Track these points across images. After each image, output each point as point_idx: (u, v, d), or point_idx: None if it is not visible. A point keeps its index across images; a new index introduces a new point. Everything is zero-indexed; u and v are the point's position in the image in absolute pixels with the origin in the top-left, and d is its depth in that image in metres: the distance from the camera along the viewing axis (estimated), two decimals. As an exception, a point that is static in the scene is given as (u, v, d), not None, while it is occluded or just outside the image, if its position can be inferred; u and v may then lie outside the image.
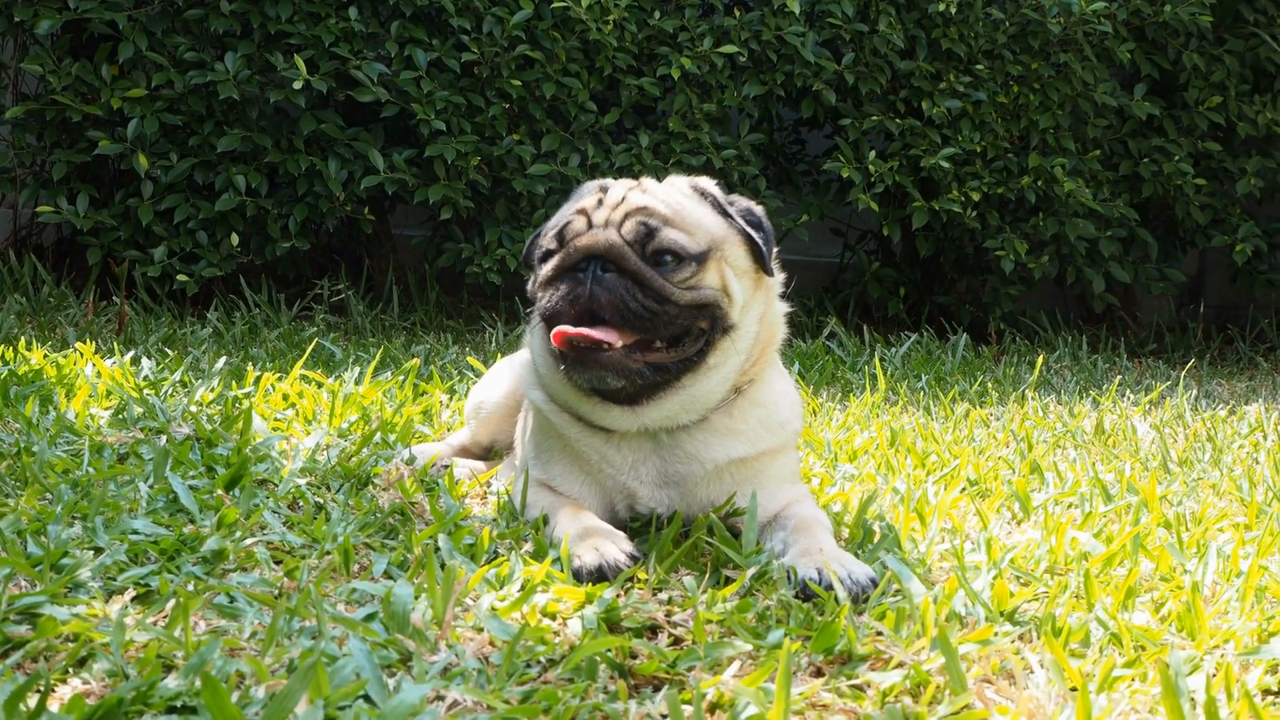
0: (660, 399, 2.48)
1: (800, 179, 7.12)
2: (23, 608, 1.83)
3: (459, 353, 5.22)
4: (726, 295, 2.47)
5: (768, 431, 2.59)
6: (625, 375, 2.40)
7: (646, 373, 2.41)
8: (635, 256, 2.40)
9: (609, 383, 2.41)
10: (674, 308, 2.40)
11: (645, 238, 2.41)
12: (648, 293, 2.38)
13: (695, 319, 2.44)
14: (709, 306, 2.45)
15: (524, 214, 6.22)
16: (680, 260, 2.42)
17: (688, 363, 2.46)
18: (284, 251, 5.95)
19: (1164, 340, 7.82)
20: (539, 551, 2.36)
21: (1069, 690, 1.79)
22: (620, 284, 2.38)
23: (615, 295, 2.37)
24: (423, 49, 5.97)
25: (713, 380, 2.50)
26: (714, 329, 2.47)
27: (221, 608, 1.93)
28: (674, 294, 2.40)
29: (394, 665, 1.79)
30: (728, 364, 2.50)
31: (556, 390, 2.58)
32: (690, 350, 2.45)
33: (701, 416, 2.53)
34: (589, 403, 2.52)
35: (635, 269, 2.39)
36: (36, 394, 3.28)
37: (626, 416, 2.50)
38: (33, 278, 5.77)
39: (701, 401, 2.51)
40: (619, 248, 2.40)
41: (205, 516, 2.41)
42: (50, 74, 5.61)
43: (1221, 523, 2.93)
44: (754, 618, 2.04)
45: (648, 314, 2.38)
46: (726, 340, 2.49)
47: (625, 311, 2.37)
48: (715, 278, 2.46)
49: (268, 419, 3.40)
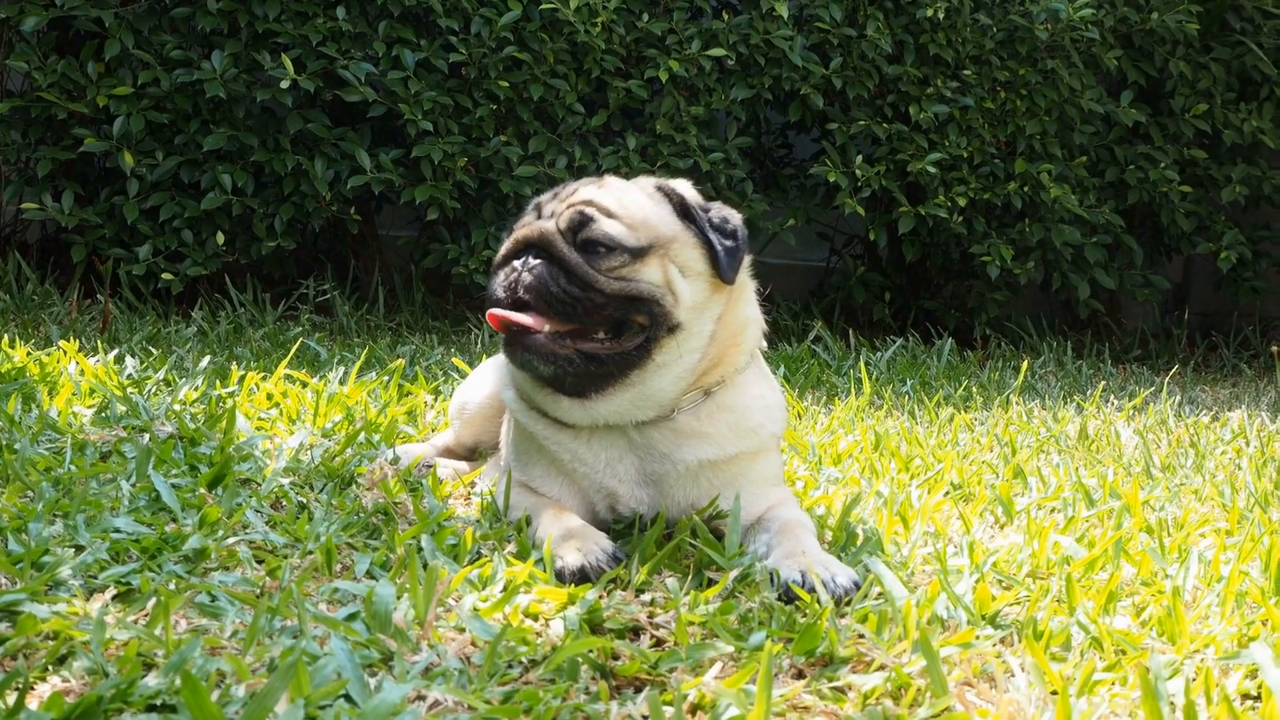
0: (608, 393, 2.48)
1: (787, 183, 7.13)
2: (2, 605, 1.82)
3: (444, 353, 5.21)
4: (670, 293, 2.45)
5: (737, 436, 2.57)
6: (552, 360, 2.41)
7: (575, 359, 2.41)
8: (564, 244, 2.43)
9: (537, 367, 2.43)
10: (599, 296, 2.40)
11: (578, 226, 2.44)
12: (571, 279, 2.40)
13: (628, 311, 2.43)
14: (644, 300, 2.43)
15: (511, 215, 6.19)
16: (610, 250, 2.43)
17: (627, 357, 2.45)
18: (269, 251, 5.94)
19: (1148, 346, 7.86)
20: (522, 552, 2.36)
21: (1049, 693, 1.79)
22: (546, 270, 2.42)
23: (539, 280, 2.41)
24: (410, 49, 5.97)
25: (664, 379, 2.49)
26: (655, 325, 2.46)
27: (203, 606, 1.92)
28: (598, 281, 2.41)
29: (375, 665, 1.78)
30: (679, 363, 2.49)
31: (521, 384, 2.61)
32: (629, 345, 2.45)
33: (660, 415, 2.52)
34: (541, 393, 2.54)
35: (562, 255, 2.42)
36: (19, 391, 3.27)
37: (576, 409, 2.51)
38: (17, 275, 5.74)
39: (654, 399, 2.50)
40: (549, 235, 2.44)
41: (187, 515, 2.40)
42: (36, 71, 5.59)
43: (1203, 528, 2.95)
44: (736, 619, 2.04)
45: (569, 299, 2.39)
46: (672, 339, 2.48)
47: (547, 296, 2.40)
48: (657, 274, 2.45)
49: (251, 418, 3.39)
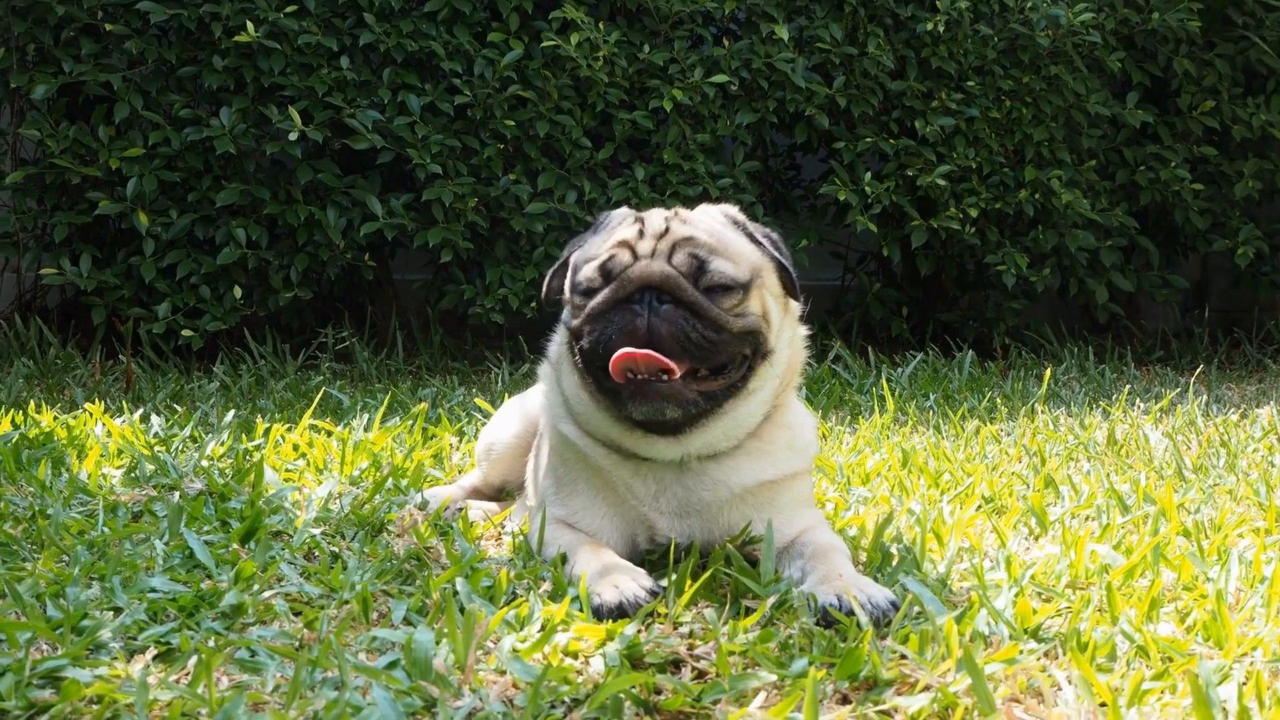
0: (704, 427, 2.49)
1: (797, 204, 7.14)
2: (45, 671, 1.83)
3: (466, 394, 5.22)
4: (766, 321, 2.50)
5: (793, 453, 2.61)
6: (682, 405, 2.40)
7: (700, 402, 2.43)
8: (690, 287, 2.42)
9: (667, 414, 2.41)
10: (729, 336, 2.43)
11: (698, 270, 2.43)
12: (705, 323, 2.40)
13: (743, 346, 2.47)
14: (754, 333, 2.48)
15: (524, 253, 6.24)
16: (728, 289, 2.44)
17: (732, 389, 2.48)
18: (287, 302, 5.97)
19: (1170, 347, 7.81)
20: (557, 590, 2.35)
21: (1099, 706, 1.78)
22: (679, 315, 2.39)
23: (675, 326, 2.38)
24: (415, 94, 6.01)
25: (752, 404, 2.53)
26: (756, 354, 2.50)
27: (243, 662, 1.92)
28: (729, 323, 2.43)
29: (419, 713, 1.78)
30: (765, 388, 2.54)
31: (597, 425, 2.56)
32: (735, 377, 2.48)
33: (737, 443, 2.54)
34: (633, 436, 2.52)
35: (692, 300, 2.40)
36: (48, 456, 3.29)
37: (671, 446, 2.50)
38: (39, 340, 5.79)
39: (742, 427, 2.53)
40: (675, 279, 2.41)
41: (222, 571, 2.40)
42: (48, 138, 5.65)
43: (1241, 528, 2.92)
44: (777, 647, 2.03)
45: (708, 344, 2.40)
46: (765, 365, 2.52)
47: (686, 343, 2.38)
48: (758, 304, 2.49)
49: (279, 470, 3.40)
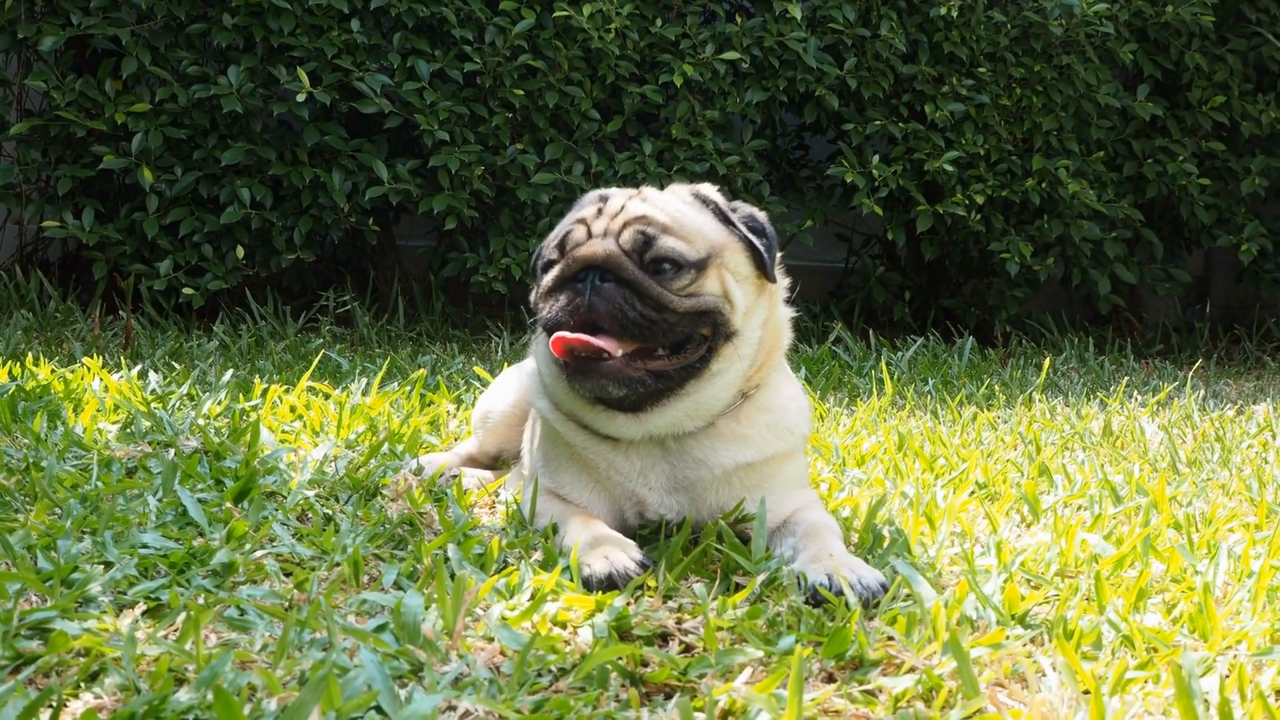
0: (664, 406, 2.47)
1: (804, 184, 7.13)
2: (34, 623, 1.83)
3: (465, 362, 5.22)
4: (728, 301, 2.46)
5: (775, 436, 2.58)
6: (627, 384, 2.39)
7: (648, 380, 2.41)
8: (633, 265, 2.40)
9: (610, 391, 2.41)
10: (673, 315, 2.40)
11: (643, 246, 2.41)
12: (646, 301, 2.38)
13: (696, 326, 2.44)
14: (710, 313, 2.44)
15: (528, 223, 6.23)
16: (679, 268, 2.41)
17: (690, 369, 2.45)
18: (289, 263, 5.96)
19: (1170, 341, 7.82)
20: (548, 560, 2.36)
21: (1082, 693, 1.78)
22: (618, 293, 2.38)
23: (613, 305, 2.37)
24: (425, 60, 5.98)
25: (717, 386, 2.50)
26: (716, 335, 2.46)
27: (232, 620, 1.93)
28: (673, 302, 2.40)
29: (405, 676, 1.79)
30: (731, 370, 2.50)
31: (562, 399, 2.58)
32: (692, 357, 2.45)
33: (708, 423, 2.52)
34: (593, 411, 2.52)
35: (633, 278, 2.39)
36: (44, 409, 3.29)
37: (631, 424, 2.50)
38: (39, 293, 5.79)
39: (706, 408, 2.51)
40: (616, 257, 2.40)
41: (214, 529, 2.41)
42: (54, 90, 5.63)
43: (1232, 523, 2.92)
44: (765, 624, 2.04)
45: (646, 322, 2.38)
46: (729, 346, 2.48)
47: (624, 321, 2.37)
48: (716, 284, 2.45)
49: (275, 431, 3.40)
